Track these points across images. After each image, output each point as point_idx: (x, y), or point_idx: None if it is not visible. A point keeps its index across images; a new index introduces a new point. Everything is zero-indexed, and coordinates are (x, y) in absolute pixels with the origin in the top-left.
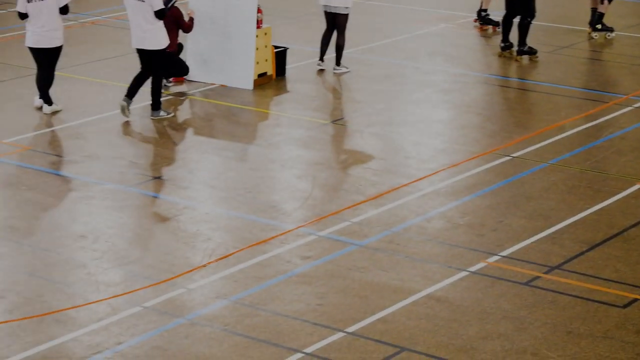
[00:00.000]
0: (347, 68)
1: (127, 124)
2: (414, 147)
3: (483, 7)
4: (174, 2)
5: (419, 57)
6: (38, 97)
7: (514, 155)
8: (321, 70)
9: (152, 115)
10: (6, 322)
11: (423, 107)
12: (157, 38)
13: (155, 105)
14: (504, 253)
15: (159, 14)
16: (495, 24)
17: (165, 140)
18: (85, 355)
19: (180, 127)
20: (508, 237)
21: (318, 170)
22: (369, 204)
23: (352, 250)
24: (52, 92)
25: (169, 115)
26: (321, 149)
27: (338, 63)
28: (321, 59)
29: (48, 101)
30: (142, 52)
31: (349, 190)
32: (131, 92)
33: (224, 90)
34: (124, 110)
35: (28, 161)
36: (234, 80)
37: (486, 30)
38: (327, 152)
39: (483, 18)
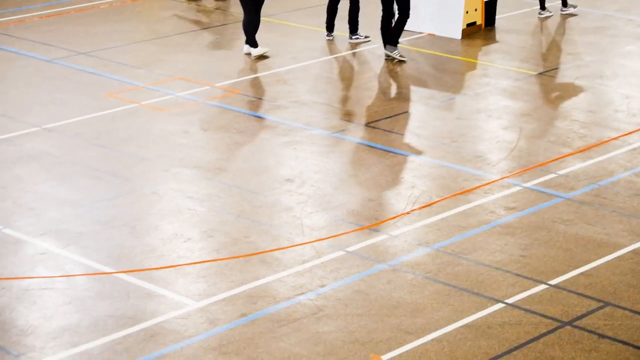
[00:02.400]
0: (574, 7)
1: (333, 70)
2: (624, 100)
3: None
4: None
5: (632, 9)
6: (245, 42)
7: None
8: (546, 18)
9: (387, 50)
10: (214, 260)
11: (635, 60)
12: None
13: (393, 41)
14: None
15: None
16: None
17: (372, 88)
18: (289, 296)
19: (388, 76)
20: None
21: (525, 121)
22: (576, 156)
23: (557, 202)
24: (263, 38)
25: (399, 57)
26: (529, 100)
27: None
28: (542, 7)
29: (254, 44)
30: None
31: (556, 142)
32: (389, 39)
33: (432, 40)
34: (399, 57)
35: (238, 105)
36: (443, 29)
37: None
38: (534, 103)
39: None
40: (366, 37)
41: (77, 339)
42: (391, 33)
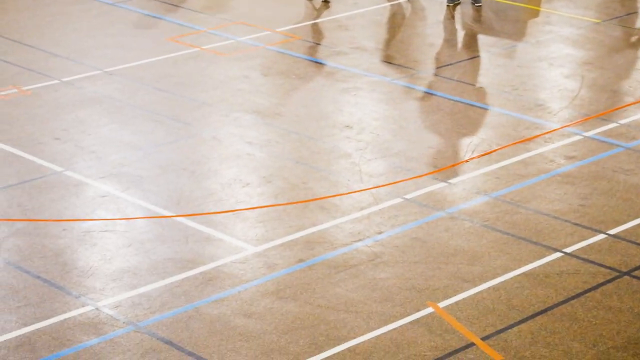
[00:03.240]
0: None
1: (394, 16)
2: None
3: None
4: None
5: None
6: None
7: None
8: None
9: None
10: (272, 206)
11: None
12: None
13: None
14: None
15: None
16: None
17: (433, 35)
18: (346, 242)
19: (449, 23)
20: None
21: (587, 69)
22: (638, 105)
23: (618, 152)
24: None
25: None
26: (591, 48)
27: None
28: None
29: None
30: None
31: (618, 92)
32: None
33: None
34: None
35: (298, 51)
36: None
37: None
38: (597, 51)
39: None
40: None
41: (137, 281)
42: None
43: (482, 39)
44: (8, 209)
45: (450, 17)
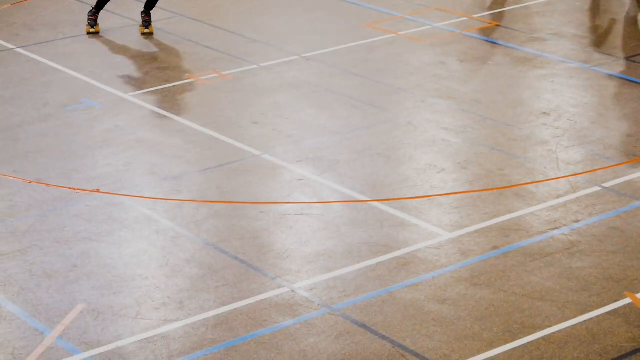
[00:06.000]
0: None
1: (595, 2)
2: None
3: None
4: None
5: None
6: None
7: None
8: None
9: None
10: (468, 192)
11: None
12: None
13: None
14: None
15: None
16: None
17: (631, 21)
18: (542, 230)
19: None
20: None
21: None
22: None
23: None
24: None
25: None
26: None
27: None
28: None
29: None
30: None
31: None
32: None
33: None
34: None
35: (495, 37)
36: None
37: None
38: None
39: None
40: None
41: (332, 265)
42: None
43: None
44: (207, 191)
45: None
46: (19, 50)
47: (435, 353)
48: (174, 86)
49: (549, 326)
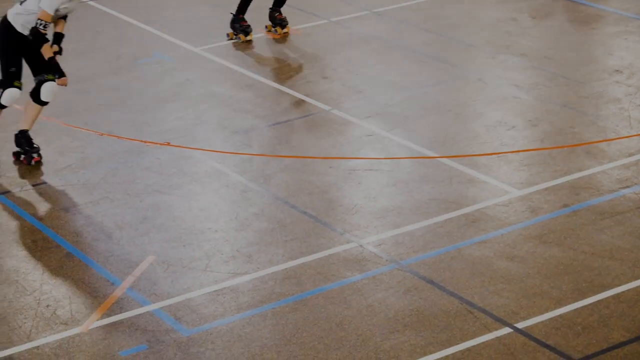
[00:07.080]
0: None
1: None
2: None
3: None
4: None
5: None
6: None
7: None
8: None
9: None
10: (538, 149)
11: None
12: None
13: None
14: None
15: None
16: None
17: None
18: (613, 189)
19: None
20: None
21: None
22: None
23: None
24: None
25: None
26: None
27: None
28: None
29: None
30: None
31: None
32: None
33: None
34: None
35: None
36: None
37: None
38: None
39: None
40: None
41: (400, 220)
42: None
43: None
44: (277, 146)
45: None
46: (92, 3)
47: (503, 310)
48: (244, 40)
49: (619, 285)
